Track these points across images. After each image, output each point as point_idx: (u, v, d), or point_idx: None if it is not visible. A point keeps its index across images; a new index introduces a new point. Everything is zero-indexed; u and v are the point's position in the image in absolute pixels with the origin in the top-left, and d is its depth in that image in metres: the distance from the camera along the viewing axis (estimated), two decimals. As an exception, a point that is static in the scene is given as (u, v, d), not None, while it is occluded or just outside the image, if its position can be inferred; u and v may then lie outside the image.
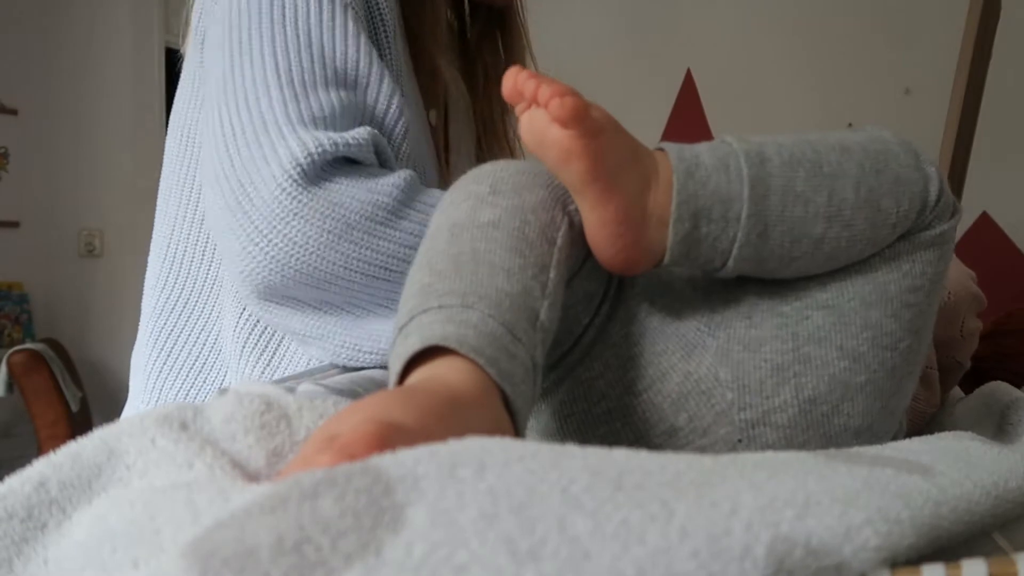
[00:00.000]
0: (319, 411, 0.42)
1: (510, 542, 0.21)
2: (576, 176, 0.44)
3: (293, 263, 0.59)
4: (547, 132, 0.44)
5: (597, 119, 0.44)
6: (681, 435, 0.49)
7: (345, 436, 0.30)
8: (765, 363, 0.48)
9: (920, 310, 0.49)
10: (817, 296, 0.49)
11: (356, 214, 0.60)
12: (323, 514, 0.23)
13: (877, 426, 0.50)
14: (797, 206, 0.46)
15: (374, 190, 0.61)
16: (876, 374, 0.48)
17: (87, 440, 0.37)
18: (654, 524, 0.21)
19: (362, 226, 0.60)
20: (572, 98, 0.43)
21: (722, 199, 0.45)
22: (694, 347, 0.49)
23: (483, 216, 0.44)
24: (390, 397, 0.34)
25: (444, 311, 0.39)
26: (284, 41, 0.64)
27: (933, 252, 0.50)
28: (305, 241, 0.58)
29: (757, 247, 0.46)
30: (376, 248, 0.60)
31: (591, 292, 0.50)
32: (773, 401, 0.48)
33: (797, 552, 0.22)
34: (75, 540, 0.31)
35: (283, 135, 0.60)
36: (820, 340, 0.48)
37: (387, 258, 0.61)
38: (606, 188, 0.45)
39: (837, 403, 0.48)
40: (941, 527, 0.32)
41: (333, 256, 0.59)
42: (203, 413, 0.39)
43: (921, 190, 0.49)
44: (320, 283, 0.60)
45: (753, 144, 0.47)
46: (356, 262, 0.60)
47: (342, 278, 0.60)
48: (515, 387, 0.38)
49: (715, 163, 0.46)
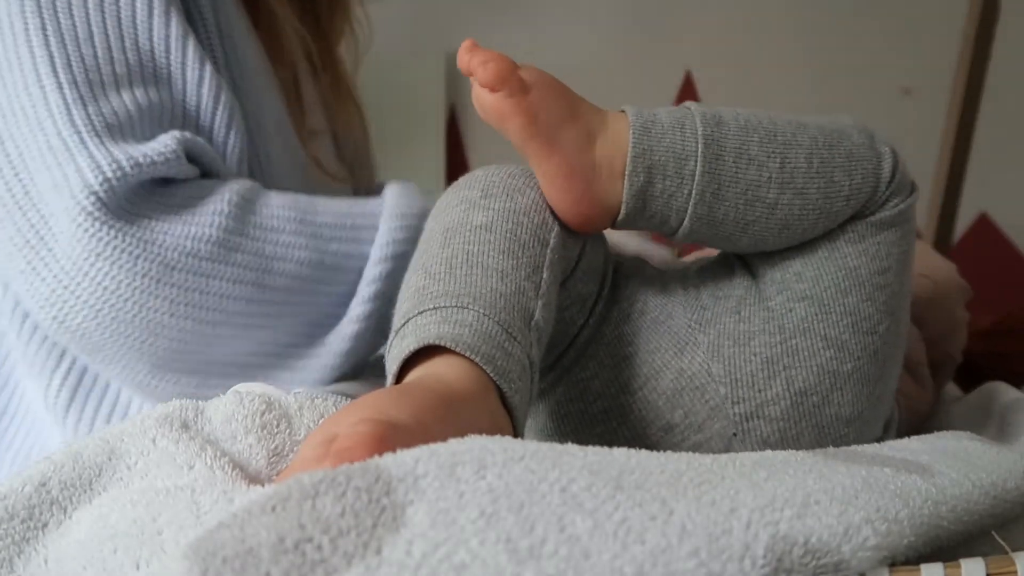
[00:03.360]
0: (319, 410, 0.43)
1: (510, 541, 0.21)
2: (515, 135, 0.47)
3: (108, 310, 0.50)
4: (483, 99, 0.46)
5: (525, 79, 0.46)
6: (677, 431, 0.50)
7: (343, 439, 0.30)
8: (755, 357, 0.49)
9: (893, 291, 0.51)
10: (796, 288, 0.50)
11: (175, 251, 0.51)
12: (323, 513, 0.23)
13: (867, 413, 0.51)
14: (751, 169, 0.48)
15: (192, 222, 0.52)
16: (860, 360, 0.50)
17: (88, 440, 0.37)
18: (654, 523, 0.22)
19: (184, 265, 0.51)
20: (495, 63, 0.45)
21: (677, 156, 0.47)
22: (686, 344, 0.50)
23: (475, 219, 0.46)
24: (386, 395, 0.35)
25: (439, 312, 0.40)
26: (58, 29, 0.52)
27: (895, 232, 0.51)
28: (116, 287, 0.50)
29: (711, 206, 0.48)
30: (205, 290, 0.52)
31: (585, 294, 0.51)
32: (766, 394, 0.49)
33: (796, 551, 0.22)
34: (76, 539, 0.31)
35: (70, 152, 0.50)
36: (805, 331, 0.49)
37: (220, 299, 0.53)
38: (545, 143, 0.46)
39: (827, 393, 0.49)
40: (940, 527, 0.32)
41: (154, 303, 0.51)
42: (204, 413, 0.39)
43: (875, 167, 0.50)
44: (147, 335, 0.51)
45: (710, 109, 0.49)
46: (184, 307, 0.51)
47: (171, 327, 0.51)
48: (512, 384, 0.39)
49: (672, 122, 0.48)
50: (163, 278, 0.51)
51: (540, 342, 0.43)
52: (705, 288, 0.53)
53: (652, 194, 0.48)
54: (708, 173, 0.47)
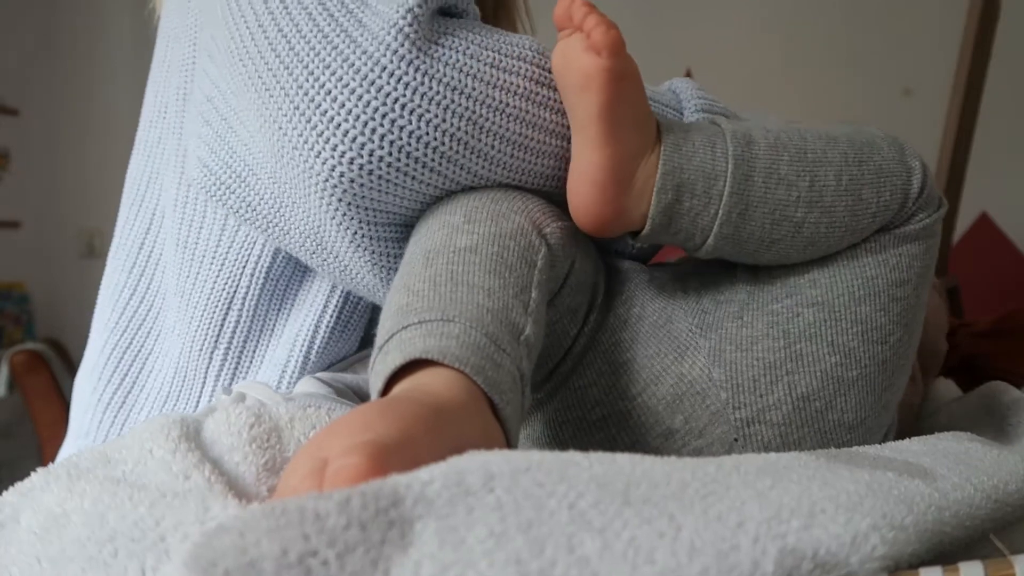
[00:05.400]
0: (311, 421, 0.41)
1: (519, 564, 0.21)
2: (586, 107, 0.45)
3: (411, 128, 0.45)
4: (577, 58, 0.45)
5: (627, 64, 0.45)
6: (677, 437, 0.49)
7: (336, 470, 0.29)
8: (758, 361, 0.49)
9: (909, 303, 0.50)
10: (807, 293, 0.50)
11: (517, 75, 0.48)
12: (328, 524, 0.23)
13: (871, 420, 0.51)
14: (779, 188, 0.47)
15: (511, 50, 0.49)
16: (867, 368, 0.49)
17: (85, 450, 0.37)
18: (662, 541, 0.21)
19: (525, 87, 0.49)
20: (616, 30, 0.44)
21: (706, 175, 0.46)
22: (686, 349, 0.50)
23: (459, 242, 0.44)
24: (372, 411, 0.33)
25: (424, 326, 0.39)
26: None
27: (918, 245, 0.51)
28: (421, 102, 0.45)
29: (737, 226, 0.47)
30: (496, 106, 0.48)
31: (575, 306, 0.50)
32: (767, 399, 0.48)
33: (805, 565, 0.22)
34: (72, 536, 0.30)
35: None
36: (811, 337, 0.49)
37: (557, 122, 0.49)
38: (609, 131, 0.45)
39: (830, 399, 0.49)
40: (943, 532, 0.32)
41: (448, 119, 0.46)
42: (201, 424, 0.38)
43: (904, 182, 0.50)
44: (434, 151, 0.46)
45: (741, 126, 0.48)
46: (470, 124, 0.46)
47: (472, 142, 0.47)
48: (503, 396, 0.37)
49: (702, 140, 0.47)
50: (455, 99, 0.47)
51: (530, 357, 0.42)
52: (706, 292, 0.52)
53: (679, 211, 0.47)
54: (736, 193, 0.47)
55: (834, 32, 2.13)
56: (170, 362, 0.61)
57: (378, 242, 0.51)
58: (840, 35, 2.12)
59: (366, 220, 0.50)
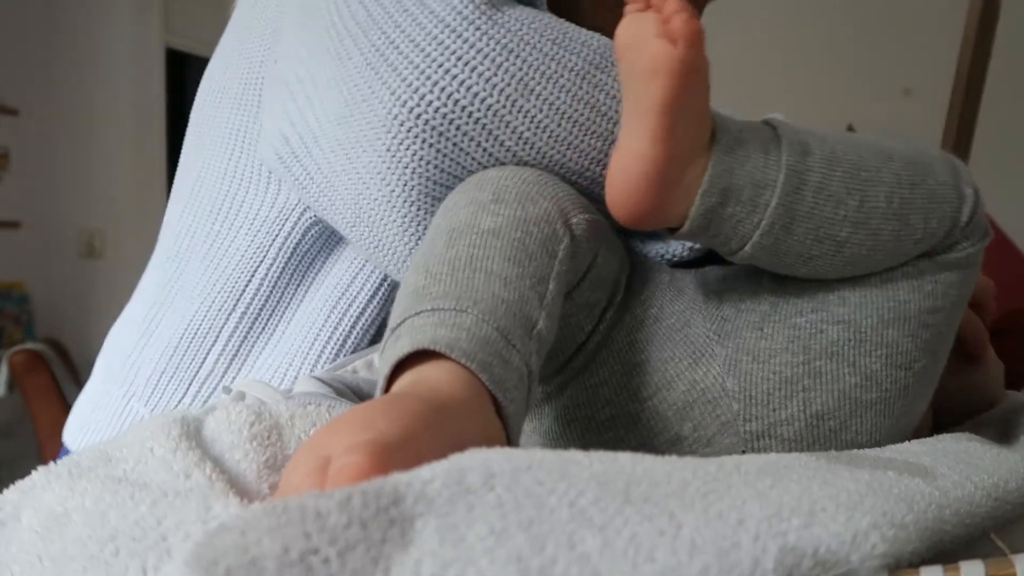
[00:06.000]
0: (312, 419, 0.41)
1: (520, 561, 0.21)
2: (651, 97, 0.43)
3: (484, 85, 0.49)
4: (649, 41, 0.42)
5: (702, 60, 0.43)
6: (685, 444, 0.48)
7: (339, 469, 0.29)
8: (774, 375, 0.47)
9: (939, 331, 0.49)
10: (834, 310, 0.48)
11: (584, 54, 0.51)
12: (329, 522, 0.23)
13: (884, 444, 0.49)
14: (828, 205, 0.45)
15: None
16: (887, 393, 0.48)
17: (85, 449, 0.37)
18: (663, 539, 0.21)
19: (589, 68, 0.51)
20: (697, 20, 0.41)
21: (755, 182, 0.44)
22: (702, 355, 0.48)
23: (483, 223, 0.43)
24: (374, 409, 0.33)
25: (437, 314, 0.38)
26: None
27: (957, 274, 0.49)
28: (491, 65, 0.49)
29: (778, 238, 0.45)
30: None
31: (592, 301, 0.49)
32: (780, 414, 0.47)
33: (805, 563, 0.22)
34: (73, 535, 0.30)
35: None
36: (833, 355, 0.47)
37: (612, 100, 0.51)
38: (669, 127, 0.43)
39: (845, 419, 0.47)
40: (944, 530, 0.32)
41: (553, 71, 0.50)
42: (201, 423, 0.39)
43: (954, 210, 0.48)
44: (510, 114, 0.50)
45: (798, 134, 0.46)
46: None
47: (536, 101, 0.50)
48: (507, 394, 0.37)
49: (756, 145, 0.45)
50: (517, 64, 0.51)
51: (540, 352, 0.41)
52: (728, 298, 0.50)
53: (720, 216, 0.45)
54: (783, 206, 0.44)
55: (834, 32, 2.13)
56: (182, 320, 0.67)
57: (416, 206, 0.54)
58: (840, 35, 2.12)
59: (415, 181, 0.53)
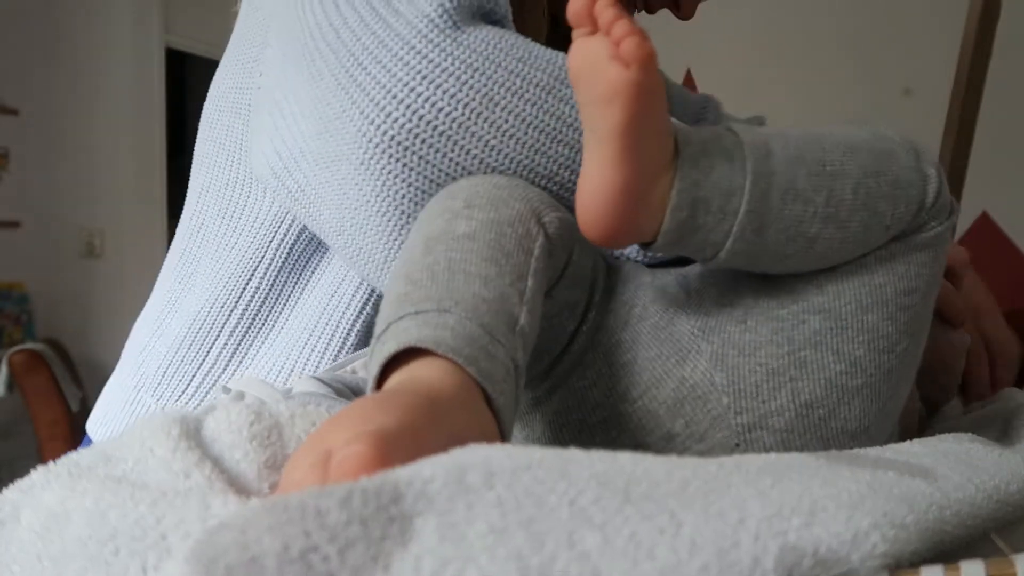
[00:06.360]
0: (312, 418, 0.42)
1: (520, 559, 0.21)
2: (609, 122, 0.42)
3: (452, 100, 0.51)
4: (604, 66, 0.42)
5: (656, 81, 0.42)
6: (678, 441, 0.48)
7: (341, 460, 0.29)
8: (761, 367, 0.48)
9: (916, 312, 0.49)
10: (814, 300, 0.49)
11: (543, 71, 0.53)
12: (329, 520, 0.23)
13: (874, 429, 0.50)
14: (796, 204, 0.45)
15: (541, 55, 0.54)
16: (873, 377, 0.48)
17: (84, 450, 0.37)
18: (663, 537, 0.21)
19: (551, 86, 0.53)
20: (648, 43, 0.41)
21: (722, 191, 0.44)
22: (688, 352, 0.49)
23: (458, 229, 0.44)
24: (372, 402, 0.34)
25: (420, 316, 0.39)
26: None
27: (927, 253, 0.50)
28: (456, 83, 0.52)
29: (751, 242, 0.46)
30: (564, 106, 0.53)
31: (573, 301, 0.50)
32: (770, 405, 0.48)
33: (806, 562, 0.22)
34: (73, 535, 0.30)
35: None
36: (816, 344, 0.48)
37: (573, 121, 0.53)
38: (630, 149, 0.43)
39: (834, 407, 0.48)
40: (944, 531, 0.32)
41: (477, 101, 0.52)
42: (201, 422, 0.39)
43: (919, 192, 0.48)
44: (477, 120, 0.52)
45: (758, 135, 0.47)
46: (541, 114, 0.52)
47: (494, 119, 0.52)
48: (496, 386, 0.38)
49: (720, 154, 0.45)
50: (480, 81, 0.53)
51: (526, 348, 0.42)
52: (709, 295, 0.51)
53: (691, 227, 0.45)
54: (752, 211, 0.45)
55: (834, 32, 2.13)
56: (188, 316, 0.71)
57: (393, 215, 0.57)
58: (840, 35, 2.12)
59: (389, 192, 0.55)
